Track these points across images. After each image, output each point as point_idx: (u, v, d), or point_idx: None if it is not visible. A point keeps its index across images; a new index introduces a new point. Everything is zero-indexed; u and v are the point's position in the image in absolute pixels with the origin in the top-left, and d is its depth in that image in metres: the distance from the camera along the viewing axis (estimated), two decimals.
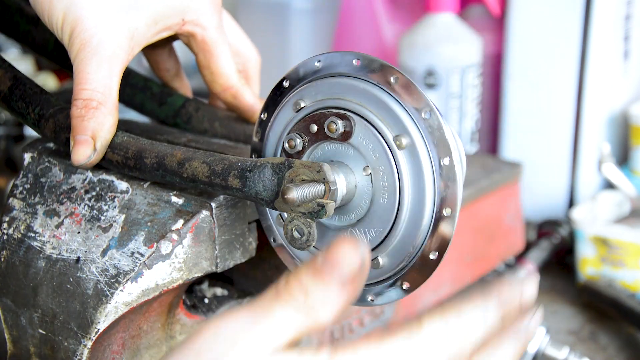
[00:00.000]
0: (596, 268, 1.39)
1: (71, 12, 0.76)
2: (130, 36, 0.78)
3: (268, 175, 0.68)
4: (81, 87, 0.76)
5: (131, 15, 0.78)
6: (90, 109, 0.76)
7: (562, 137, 1.57)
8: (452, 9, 1.56)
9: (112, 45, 0.77)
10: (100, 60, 0.76)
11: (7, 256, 0.82)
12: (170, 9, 0.82)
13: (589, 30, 1.49)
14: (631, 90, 1.67)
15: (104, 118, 0.76)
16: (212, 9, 0.86)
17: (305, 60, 0.73)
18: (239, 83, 0.90)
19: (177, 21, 0.83)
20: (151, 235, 0.75)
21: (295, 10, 1.78)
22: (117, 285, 0.73)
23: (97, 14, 0.76)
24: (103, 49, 0.76)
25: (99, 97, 0.76)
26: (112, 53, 0.77)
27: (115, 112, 0.77)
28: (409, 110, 0.66)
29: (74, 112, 0.76)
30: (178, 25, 0.83)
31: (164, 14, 0.81)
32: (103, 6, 0.77)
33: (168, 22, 0.82)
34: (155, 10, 0.80)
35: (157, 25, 0.81)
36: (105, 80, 0.76)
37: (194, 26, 0.85)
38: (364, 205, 0.70)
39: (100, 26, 0.76)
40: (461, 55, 1.54)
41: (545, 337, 1.17)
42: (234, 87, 0.90)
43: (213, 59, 0.87)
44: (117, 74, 0.78)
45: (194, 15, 0.84)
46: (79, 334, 0.75)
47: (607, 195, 1.49)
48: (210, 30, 0.86)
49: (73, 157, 0.77)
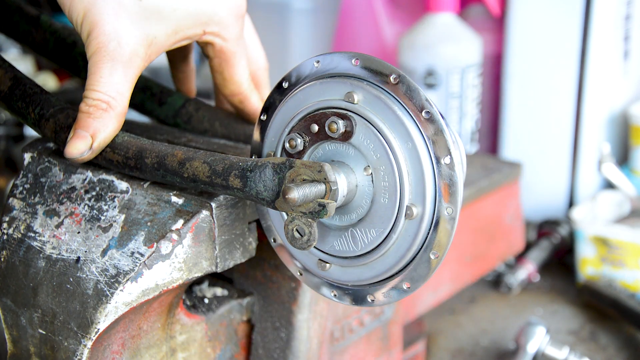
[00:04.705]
0: (596, 268, 1.39)
1: (91, 13, 0.75)
2: (148, 44, 0.78)
3: (269, 175, 0.68)
4: (93, 89, 0.76)
5: (152, 24, 0.78)
6: (99, 109, 0.76)
7: (562, 137, 1.57)
8: (452, 9, 1.56)
9: (129, 51, 0.76)
10: (114, 65, 0.76)
11: (7, 256, 0.82)
12: (193, 20, 0.81)
13: (589, 30, 1.49)
14: (631, 90, 1.67)
15: (109, 121, 0.76)
16: (234, 20, 0.85)
17: (304, 61, 0.73)
18: (248, 89, 0.90)
19: (198, 32, 0.82)
20: (151, 235, 0.75)
21: (295, 10, 1.78)
22: (117, 285, 0.73)
23: (116, 19, 0.76)
24: (119, 55, 0.76)
25: (110, 101, 0.76)
26: (128, 59, 0.76)
27: (121, 118, 0.78)
28: (409, 110, 0.66)
29: (82, 107, 0.77)
30: (198, 35, 0.83)
31: (185, 25, 0.80)
32: (124, 12, 0.76)
33: (189, 32, 0.81)
34: (177, 21, 0.80)
35: (177, 35, 0.81)
36: (118, 86, 0.76)
37: (214, 37, 0.84)
38: (364, 205, 0.70)
39: (118, 31, 0.76)
40: (461, 55, 1.54)
41: (545, 337, 1.17)
42: (243, 93, 0.90)
43: (228, 67, 0.87)
44: (131, 79, 0.77)
45: (215, 27, 0.83)
46: (79, 334, 0.75)
47: (607, 195, 1.49)
48: (230, 41, 0.85)
49: (67, 148, 0.77)
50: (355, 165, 0.69)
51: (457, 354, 1.26)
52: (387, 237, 0.68)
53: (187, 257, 0.75)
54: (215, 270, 0.78)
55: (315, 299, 0.88)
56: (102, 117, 0.76)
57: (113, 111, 0.76)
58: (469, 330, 1.33)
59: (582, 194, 1.57)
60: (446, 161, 0.66)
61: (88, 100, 0.76)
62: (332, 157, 0.71)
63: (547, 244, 1.50)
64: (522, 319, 1.32)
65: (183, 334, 0.84)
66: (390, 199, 0.67)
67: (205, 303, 0.89)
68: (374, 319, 1.00)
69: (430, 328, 1.32)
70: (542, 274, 1.48)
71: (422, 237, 0.67)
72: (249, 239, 0.80)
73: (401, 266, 0.69)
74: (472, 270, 1.31)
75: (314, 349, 0.90)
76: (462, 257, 1.27)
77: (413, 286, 0.70)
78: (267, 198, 0.68)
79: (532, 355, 1.16)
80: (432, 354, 1.26)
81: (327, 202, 0.65)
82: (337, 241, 0.72)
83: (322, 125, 0.70)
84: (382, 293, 0.72)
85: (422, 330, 1.22)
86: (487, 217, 1.31)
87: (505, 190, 1.34)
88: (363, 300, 0.73)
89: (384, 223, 0.68)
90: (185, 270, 0.76)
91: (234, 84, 0.89)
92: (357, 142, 0.69)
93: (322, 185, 0.66)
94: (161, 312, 0.81)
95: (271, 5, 1.79)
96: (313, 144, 0.71)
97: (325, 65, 0.72)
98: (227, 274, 0.94)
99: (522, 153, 1.59)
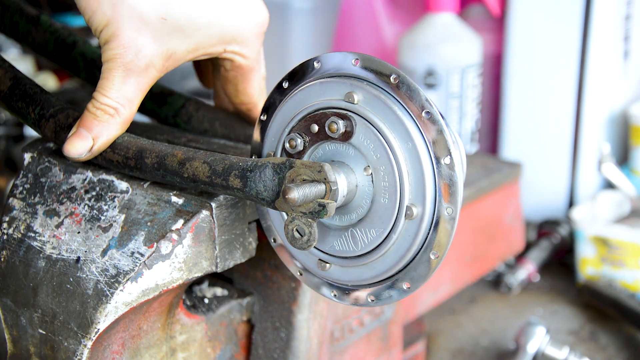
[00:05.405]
0: (596, 268, 1.39)
1: (113, 26, 0.75)
2: (167, 57, 0.78)
3: (269, 175, 0.68)
4: (103, 93, 0.76)
5: (173, 39, 0.77)
6: (106, 114, 0.76)
7: (562, 137, 1.57)
8: (452, 9, 1.56)
9: (145, 63, 0.76)
10: (128, 74, 0.76)
11: (7, 256, 0.82)
12: (215, 39, 0.80)
13: (589, 30, 1.49)
14: (631, 90, 1.67)
15: (113, 127, 0.77)
16: (255, 40, 0.84)
17: (304, 61, 0.73)
18: (258, 99, 0.90)
19: (219, 50, 0.82)
20: (151, 235, 0.75)
21: (295, 10, 1.78)
22: (117, 285, 0.73)
23: (138, 34, 0.75)
24: (135, 66, 0.76)
25: (118, 107, 0.76)
26: (143, 70, 0.76)
27: (126, 125, 0.78)
28: (409, 110, 0.66)
29: (89, 107, 0.77)
30: (219, 52, 0.83)
31: (207, 42, 0.80)
32: (146, 27, 0.76)
33: (209, 50, 0.81)
34: (200, 39, 0.79)
35: (198, 52, 0.80)
36: (129, 94, 0.76)
37: (234, 55, 0.84)
38: (364, 205, 0.70)
39: (138, 44, 0.75)
40: (461, 55, 1.54)
41: (545, 337, 1.17)
42: (252, 103, 0.90)
43: (243, 81, 0.87)
44: (144, 89, 0.77)
45: (236, 47, 0.83)
46: (79, 334, 0.75)
47: (607, 195, 1.49)
48: (249, 59, 0.85)
49: (67, 145, 0.77)
50: (355, 165, 0.69)
51: (457, 354, 1.26)
52: (387, 237, 0.68)
53: (187, 257, 0.75)
54: (215, 270, 0.78)
55: (315, 299, 0.88)
56: (107, 121, 0.76)
57: (120, 118, 0.77)
58: (469, 330, 1.33)
59: (582, 194, 1.57)
60: (446, 161, 0.66)
61: (96, 102, 0.76)
62: (332, 157, 0.71)
63: (547, 244, 1.50)
64: (522, 319, 1.32)
65: (183, 334, 0.84)
66: (390, 199, 0.67)
67: (205, 303, 0.89)
68: (374, 319, 1.00)
69: (430, 328, 1.32)
70: (542, 274, 1.48)
71: (422, 237, 0.67)
72: (249, 239, 0.80)
73: (401, 266, 0.69)
74: (472, 270, 1.31)
75: (314, 349, 0.90)
76: (462, 257, 1.27)
77: (413, 286, 0.70)
78: (267, 198, 0.68)
79: (532, 355, 1.16)
80: (432, 354, 1.26)
81: (327, 202, 0.65)
82: (337, 241, 0.72)
83: (322, 126, 0.70)
84: (382, 293, 0.72)
85: (422, 330, 1.22)
86: (487, 217, 1.31)
87: (505, 190, 1.34)
88: (363, 301, 0.73)
89: (384, 223, 0.68)
90: (185, 270, 0.76)
91: (245, 96, 0.89)
92: (357, 142, 0.69)
93: (322, 185, 0.66)
94: (161, 312, 0.81)
95: (271, 5, 1.78)
96: (313, 144, 0.71)
97: (325, 65, 0.72)
98: (227, 274, 0.94)
99: (522, 153, 1.59)
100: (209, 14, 0.78)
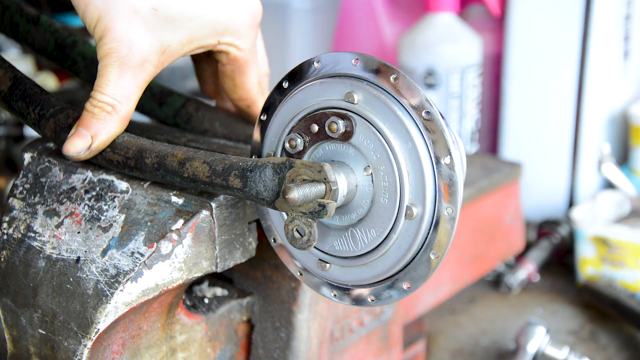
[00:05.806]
0: (596, 268, 1.39)
1: (105, 19, 0.75)
2: (161, 51, 0.78)
3: (269, 175, 0.68)
4: (100, 91, 0.76)
5: (167, 32, 0.78)
6: (104, 111, 0.76)
7: (562, 137, 1.57)
8: (452, 9, 1.56)
9: (140, 57, 0.76)
10: (124, 69, 0.76)
11: (7, 256, 0.82)
12: (208, 31, 0.81)
13: (589, 30, 1.49)
14: (631, 90, 1.67)
15: (112, 124, 0.77)
16: (250, 30, 0.84)
17: (304, 61, 0.73)
18: (256, 94, 0.90)
19: (213, 42, 0.82)
20: (151, 235, 0.75)
21: (295, 10, 1.78)
22: (117, 285, 0.73)
23: (130, 26, 0.76)
24: (130, 60, 0.76)
25: (115, 104, 0.76)
26: (139, 64, 0.76)
27: (125, 122, 0.78)
28: (409, 110, 0.66)
29: (87, 106, 0.77)
30: (213, 45, 0.83)
31: (201, 34, 0.80)
32: (138, 19, 0.76)
33: (203, 42, 0.81)
34: (193, 31, 0.79)
35: (192, 44, 0.80)
36: (126, 90, 0.76)
37: (228, 46, 0.84)
38: (364, 205, 0.70)
39: (131, 38, 0.76)
40: (461, 55, 1.54)
41: (545, 337, 1.17)
42: (251, 99, 0.90)
43: (240, 74, 0.87)
44: (141, 85, 0.77)
45: (230, 38, 0.83)
46: (79, 334, 0.75)
47: (607, 195, 1.49)
48: (244, 51, 0.85)
49: (66, 144, 0.77)
50: (355, 165, 0.69)
51: (457, 354, 1.26)
52: (387, 237, 0.68)
53: (187, 257, 0.75)
54: (215, 270, 0.78)
55: (315, 299, 0.88)
56: (105, 119, 0.76)
57: (117, 115, 0.76)
58: (469, 330, 1.33)
59: (582, 194, 1.57)
60: (446, 161, 0.66)
61: (94, 100, 0.76)
62: (332, 157, 0.71)
63: (547, 244, 1.50)
64: (522, 319, 1.32)
65: (183, 334, 0.84)
66: (390, 199, 0.67)
67: (205, 303, 0.89)
68: (374, 319, 1.00)
69: (430, 328, 1.32)
70: (542, 274, 1.48)
71: (422, 237, 0.67)
72: (249, 239, 0.80)
73: (401, 266, 0.69)
74: (472, 270, 1.31)
75: (314, 349, 0.90)
76: (462, 257, 1.27)
77: (413, 286, 0.70)
78: (267, 198, 0.68)
79: (532, 355, 1.16)
80: (432, 354, 1.26)
81: (327, 202, 0.65)
82: (337, 241, 0.72)
83: (322, 125, 0.70)
84: (382, 293, 0.72)
85: (422, 330, 1.22)
86: (487, 217, 1.31)
87: (505, 190, 1.34)
88: (363, 300, 0.73)
89: (384, 223, 0.68)
90: (185, 270, 0.76)
91: (243, 90, 0.89)
92: (357, 142, 0.69)
93: (322, 185, 0.66)
94: (161, 312, 0.81)
95: (271, 5, 1.79)
96: (313, 144, 0.71)
97: (325, 65, 0.72)
98: (227, 274, 0.94)
99: (522, 153, 1.59)
100: (200, 4, 0.79)
